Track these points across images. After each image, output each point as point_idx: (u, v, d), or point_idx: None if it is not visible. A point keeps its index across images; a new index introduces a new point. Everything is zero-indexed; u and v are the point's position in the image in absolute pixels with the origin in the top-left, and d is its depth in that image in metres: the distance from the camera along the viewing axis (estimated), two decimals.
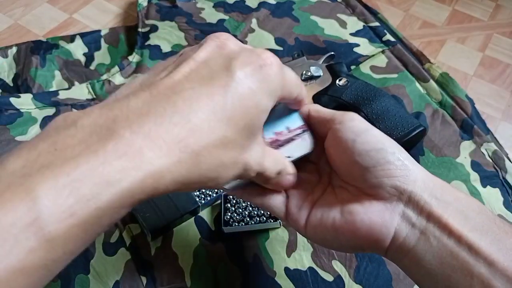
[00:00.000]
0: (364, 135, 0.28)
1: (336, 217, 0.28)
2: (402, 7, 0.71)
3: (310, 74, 0.52)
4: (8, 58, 0.61)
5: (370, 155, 0.27)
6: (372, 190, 0.28)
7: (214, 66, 0.23)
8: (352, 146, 0.28)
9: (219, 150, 0.22)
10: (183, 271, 0.42)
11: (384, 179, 0.27)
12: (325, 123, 0.31)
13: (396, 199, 0.27)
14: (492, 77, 0.61)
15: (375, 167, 0.27)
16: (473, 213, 0.26)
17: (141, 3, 0.66)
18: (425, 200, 0.26)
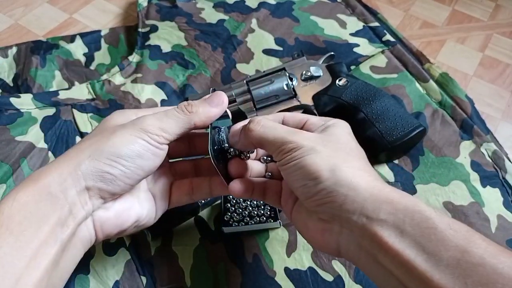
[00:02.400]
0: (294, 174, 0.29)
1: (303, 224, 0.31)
2: (402, 7, 0.71)
3: (310, 74, 0.52)
4: (8, 58, 0.61)
5: (299, 191, 0.29)
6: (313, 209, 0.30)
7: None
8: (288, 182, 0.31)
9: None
10: (183, 271, 0.42)
11: (317, 208, 0.29)
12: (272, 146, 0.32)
13: (333, 222, 0.29)
14: (492, 77, 0.61)
15: (308, 199, 0.29)
16: (410, 226, 0.25)
17: (141, 3, 0.67)
18: (355, 220, 0.27)
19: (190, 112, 0.32)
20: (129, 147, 0.29)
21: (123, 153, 0.29)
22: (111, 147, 0.28)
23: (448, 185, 0.47)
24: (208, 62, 0.59)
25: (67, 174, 0.27)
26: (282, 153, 0.30)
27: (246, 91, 0.52)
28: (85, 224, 0.29)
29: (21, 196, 0.26)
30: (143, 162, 0.30)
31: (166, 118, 0.31)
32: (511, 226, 0.44)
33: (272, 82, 0.51)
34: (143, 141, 0.29)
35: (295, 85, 0.52)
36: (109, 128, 0.31)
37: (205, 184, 0.36)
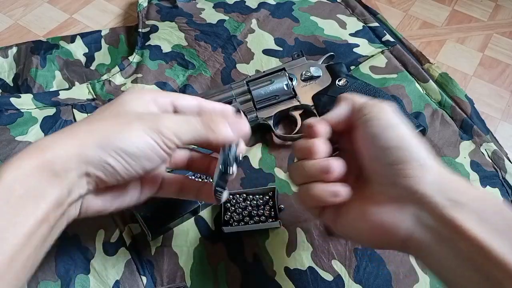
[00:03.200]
0: (389, 131, 0.28)
1: (357, 216, 0.29)
2: (401, 7, 0.71)
3: (310, 74, 0.52)
4: (8, 58, 0.61)
5: (389, 153, 0.27)
6: (387, 188, 0.28)
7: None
8: (374, 141, 0.28)
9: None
10: (183, 271, 0.42)
11: (399, 178, 0.27)
12: (357, 112, 0.31)
13: (409, 200, 0.27)
14: (491, 77, 0.61)
15: (392, 166, 0.27)
16: (489, 214, 0.25)
17: (141, 4, 0.67)
18: (437, 202, 0.26)
19: (211, 128, 0.31)
20: (139, 146, 0.28)
21: (131, 151, 0.28)
22: (121, 141, 0.28)
23: None
24: (208, 62, 0.59)
25: (72, 155, 0.27)
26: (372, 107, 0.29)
27: (246, 91, 0.52)
28: (75, 205, 0.29)
29: (26, 166, 0.25)
30: (147, 163, 0.29)
31: (185, 125, 0.30)
32: None
33: (272, 82, 0.51)
34: (155, 143, 0.29)
35: (295, 85, 0.52)
36: (125, 115, 0.30)
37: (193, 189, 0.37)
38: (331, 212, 0.31)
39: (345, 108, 0.32)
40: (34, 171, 0.25)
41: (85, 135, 0.28)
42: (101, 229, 0.44)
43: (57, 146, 0.27)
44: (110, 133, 0.28)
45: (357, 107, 0.31)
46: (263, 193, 0.46)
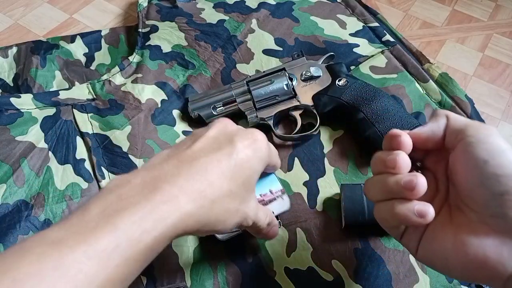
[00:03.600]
0: (499, 157, 0.25)
1: (447, 245, 0.27)
2: (401, 7, 0.71)
3: (310, 74, 0.52)
4: (8, 58, 0.61)
5: (500, 181, 0.25)
6: (492, 219, 0.25)
7: (221, 140, 0.31)
8: (482, 167, 0.25)
9: (227, 199, 0.29)
10: (183, 271, 0.42)
11: (510, 210, 0.25)
12: (457, 133, 0.28)
13: None
14: (491, 77, 0.61)
15: (502, 196, 0.25)
16: None
17: (141, 4, 0.67)
18: None
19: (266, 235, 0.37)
20: (226, 228, 0.30)
21: (218, 229, 0.30)
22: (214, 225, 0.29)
23: None
24: (208, 62, 0.59)
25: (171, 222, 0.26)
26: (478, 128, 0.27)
27: (246, 91, 0.52)
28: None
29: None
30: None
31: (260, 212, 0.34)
32: None
33: (272, 82, 0.51)
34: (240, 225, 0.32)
35: (295, 85, 0.52)
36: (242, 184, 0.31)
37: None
38: (414, 234, 0.29)
39: (438, 125, 0.29)
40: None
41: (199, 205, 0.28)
42: None
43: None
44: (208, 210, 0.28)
45: (458, 127, 0.28)
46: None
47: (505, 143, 0.26)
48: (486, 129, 0.27)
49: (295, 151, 0.51)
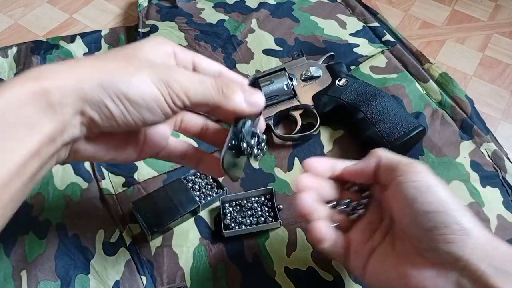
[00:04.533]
0: (426, 194, 0.27)
1: (391, 275, 0.28)
2: (401, 7, 0.71)
3: (310, 74, 0.52)
4: (8, 58, 0.61)
5: (428, 217, 0.26)
6: (428, 253, 0.27)
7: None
8: (412, 205, 0.27)
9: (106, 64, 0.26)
10: (183, 271, 0.42)
11: (440, 244, 0.26)
12: (389, 173, 0.30)
13: (451, 266, 0.26)
14: (491, 77, 0.61)
15: (432, 231, 0.26)
16: None
17: (141, 3, 0.67)
18: (483, 270, 0.24)
19: (223, 93, 0.28)
20: (143, 94, 0.25)
21: (133, 97, 0.25)
22: (124, 84, 0.25)
23: (448, 185, 0.47)
24: None
25: (70, 88, 0.24)
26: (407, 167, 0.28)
27: None
28: (66, 146, 0.26)
29: (20, 92, 0.23)
30: (148, 115, 0.26)
31: (197, 84, 0.27)
32: (511, 226, 0.44)
33: (272, 82, 0.51)
34: (160, 95, 0.26)
35: (295, 85, 0.52)
36: (137, 60, 0.27)
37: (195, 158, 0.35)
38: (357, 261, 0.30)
39: (368, 163, 0.31)
40: (29, 98, 0.23)
41: (88, 70, 0.25)
42: (101, 229, 0.44)
43: (56, 76, 0.24)
44: (115, 74, 0.25)
45: (390, 166, 0.30)
46: (261, 194, 0.46)
47: (434, 180, 0.28)
48: (414, 167, 0.29)
49: (295, 151, 0.51)
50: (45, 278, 0.41)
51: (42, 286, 0.41)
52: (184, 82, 0.27)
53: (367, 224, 0.32)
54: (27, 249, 0.43)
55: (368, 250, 0.30)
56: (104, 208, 0.45)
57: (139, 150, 0.32)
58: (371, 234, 0.31)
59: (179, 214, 0.43)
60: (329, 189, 0.34)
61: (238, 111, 0.29)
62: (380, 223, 0.32)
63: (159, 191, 0.45)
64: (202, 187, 0.46)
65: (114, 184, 0.47)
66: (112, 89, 0.25)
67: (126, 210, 0.45)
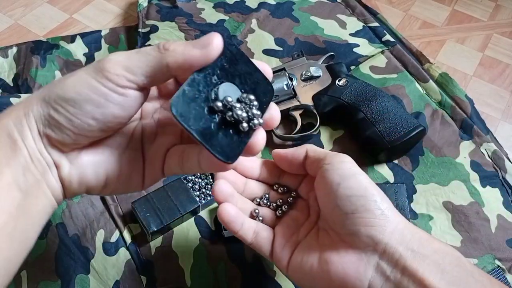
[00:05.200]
0: (349, 180, 0.28)
1: (313, 264, 0.29)
2: (401, 7, 0.71)
3: (310, 74, 0.52)
4: (8, 58, 0.61)
5: (350, 201, 0.28)
6: (349, 237, 0.28)
7: None
8: (336, 189, 0.28)
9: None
10: (183, 271, 0.42)
11: (361, 227, 0.27)
12: (318, 162, 0.31)
13: (371, 250, 0.27)
14: (491, 77, 0.61)
15: (354, 214, 0.27)
16: (450, 266, 0.25)
17: (141, 4, 0.67)
18: (401, 253, 0.26)
19: (165, 49, 0.24)
20: (76, 89, 0.24)
21: (68, 96, 0.24)
22: (60, 89, 0.24)
23: (448, 185, 0.47)
24: None
25: (22, 116, 0.24)
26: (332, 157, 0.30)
27: None
28: (52, 174, 0.26)
29: None
30: (95, 109, 0.24)
31: (135, 55, 0.24)
32: (511, 226, 0.44)
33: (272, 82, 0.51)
34: (96, 83, 0.24)
35: (295, 85, 0.52)
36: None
37: (194, 154, 0.28)
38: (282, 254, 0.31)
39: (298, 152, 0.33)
40: None
41: (36, 94, 0.25)
42: (101, 229, 0.44)
43: (10, 112, 0.25)
44: (54, 85, 0.25)
45: (317, 156, 0.31)
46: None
47: (357, 169, 0.30)
48: (339, 156, 0.30)
49: None
50: (45, 278, 0.41)
51: (42, 286, 0.41)
52: (120, 58, 0.24)
53: (292, 221, 0.33)
54: None
55: (292, 244, 0.31)
56: (104, 208, 0.45)
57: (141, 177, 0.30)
58: (296, 229, 0.32)
59: (179, 214, 0.43)
60: (257, 189, 0.35)
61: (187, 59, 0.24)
62: (305, 220, 0.33)
63: (159, 191, 0.45)
64: (202, 187, 0.46)
65: None
66: (52, 98, 0.24)
67: (126, 210, 0.45)
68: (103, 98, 0.24)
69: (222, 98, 0.25)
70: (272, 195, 0.35)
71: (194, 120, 0.24)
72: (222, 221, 0.31)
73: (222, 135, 0.25)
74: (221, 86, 0.26)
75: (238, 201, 0.34)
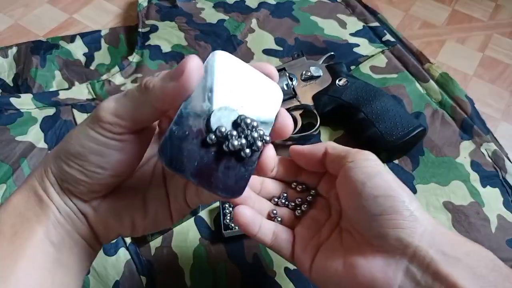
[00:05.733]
0: (375, 179, 0.27)
1: (338, 268, 0.27)
2: (402, 7, 0.71)
3: (310, 74, 0.52)
4: (8, 58, 0.61)
5: (377, 202, 0.26)
6: (376, 240, 0.26)
7: None
8: (361, 189, 0.27)
9: None
10: (183, 271, 0.42)
11: (389, 229, 0.25)
12: (339, 160, 0.29)
13: (400, 253, 0.25)
14: (492, 77, 0.61)
15: (382, 216, 0.26)
16: (485, 270, 0.24)
17: (141, 3, 0.67)
18: (432, 257, 0.24)
19: (146, 88, 0.23)
20: (80, 142, 0.24)
21: (74, 151, 0.24)
22: (67, 144, 0.25)
23: (448, 185, 0.47)
24: None
25: (43, 174, 0.26)
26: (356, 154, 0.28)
27: None
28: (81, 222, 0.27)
29: (14, 198, 0.26)
30: (100, 159, 0.24)
31: (123, 99, 0.24)
32: (511, 226, 0.44)
33: None
34: (95, 133, 0.24)
35: (295, 85, 0.52)
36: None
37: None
38: (304, 255, 0.30)
39: (318, 148, 0.31)
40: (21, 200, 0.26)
41: (53, 151, 0.26)
42: None
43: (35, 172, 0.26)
44: (64, 140, 0.26)
45: (338, 154, 0.30)
46: None
47: (382, 167, 0.28)
48: (363, 154, 0.29)
49: None
50: None
51: None
52: (110, 104, 0.24)
53: (313, 221, 0.31)
54: None
55: (314, 246, 0.30)
56: None
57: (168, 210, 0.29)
58: (317, 230, 0.31)
59: None
60: (274, 188, 0.34)
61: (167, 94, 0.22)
62: (326, 220, 0.31)
63: None
64: None
65: None
66: (62, 154, 0.25)
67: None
68: (104, 147, 0.24)
69: (215, 129, 0.23)
70: (291, 194, 0.33)
71: (187, 161, 0.22)
72: (239, 225, 0.30)
73: (222, 169, 0.23)
74: (213, 113, 0.23)
75: (256, 202, 0.32)
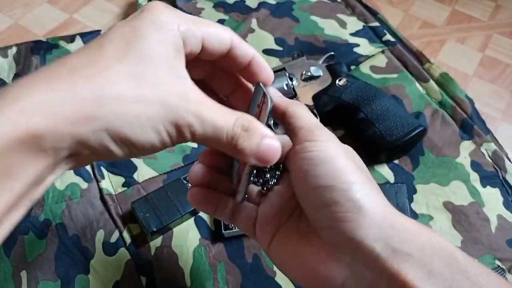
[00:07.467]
0: (319, 167, 0.23)
1: (290, 254, 0.26)
2: (402, 7, 0.71)
3: (310, 74, 0.52)
4: (8, 58, 0.61)
5: (319, 193, 0.23)
6: (321, 232, 0.24)
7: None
8: (304, 178, 0.24)
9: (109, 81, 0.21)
10: (183, 271, 0.42)
11: (332, 222, 0.23)
12: (292, 135, 0.26)
13: (344, 247, 0.23)
14: (492, 77, 0.61)
15: (323, 208, 0.23)
16: (440, 266, 0.21)
17: (141, 3, 0.67)
18: (378, 252, 0.22)
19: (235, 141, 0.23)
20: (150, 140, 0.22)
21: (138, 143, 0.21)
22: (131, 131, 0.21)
23: (448, 185, 0.47)
24: None
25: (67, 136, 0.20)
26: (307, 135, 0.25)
27: None
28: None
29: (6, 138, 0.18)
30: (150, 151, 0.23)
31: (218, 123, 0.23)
32: (511, 226, 0.44)
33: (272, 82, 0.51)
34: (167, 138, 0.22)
35: (295, 85, 0.52)
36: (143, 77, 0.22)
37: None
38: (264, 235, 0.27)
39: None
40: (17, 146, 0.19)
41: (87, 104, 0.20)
42: (101, 229, 0.44)
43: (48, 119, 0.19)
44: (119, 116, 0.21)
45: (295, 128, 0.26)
46: None
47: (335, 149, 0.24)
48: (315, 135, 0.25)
49: None
50: (45, 278, 0.41)
51: (42, 286, 0.41)
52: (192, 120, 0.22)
53: (278, 198, 0.28)
54: (27, 249, 0.43)
55: (273, 227, 0.27)
56: (103, 208, 0.45)
57: None
58: (280, 209, 0.28)
59: (179, 214, 0.43)
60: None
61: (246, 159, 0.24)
62: (290, 200, 0.28)
63: (158, 191, 0.45)
64: None
65: (113, 184, 0.47)
66: (117, 135, 0.21)
67: (126, 210, 0.45)
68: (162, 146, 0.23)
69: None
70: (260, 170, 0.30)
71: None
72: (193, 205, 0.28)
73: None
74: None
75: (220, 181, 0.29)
